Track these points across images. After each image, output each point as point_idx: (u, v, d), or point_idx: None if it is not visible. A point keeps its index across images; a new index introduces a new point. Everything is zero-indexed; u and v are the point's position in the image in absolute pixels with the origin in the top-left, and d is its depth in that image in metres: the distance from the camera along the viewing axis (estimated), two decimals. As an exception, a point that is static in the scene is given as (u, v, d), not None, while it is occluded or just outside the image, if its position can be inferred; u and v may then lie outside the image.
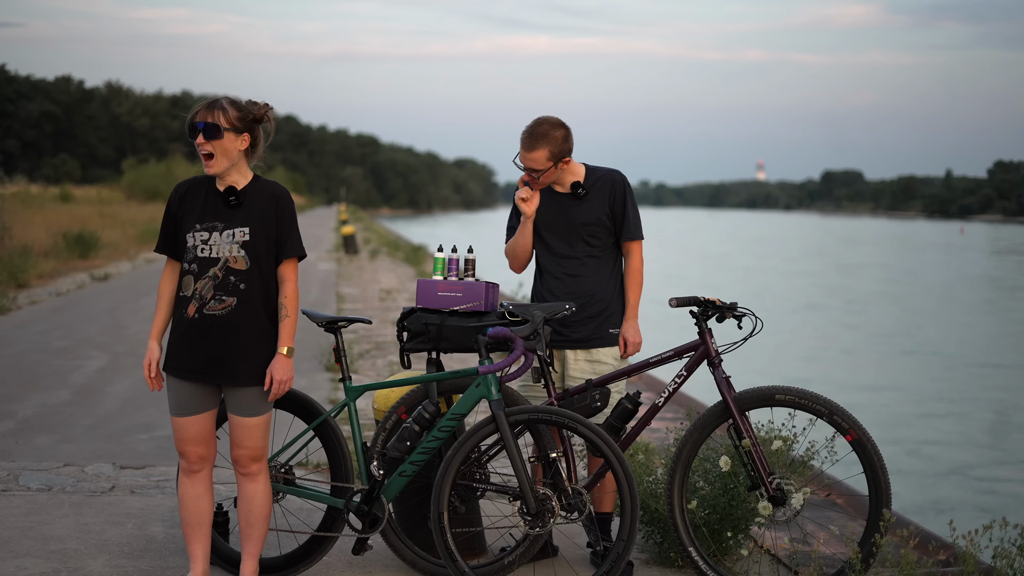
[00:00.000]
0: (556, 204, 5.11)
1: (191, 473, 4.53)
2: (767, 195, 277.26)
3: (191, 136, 4.42)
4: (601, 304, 5.08)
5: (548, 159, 4.96)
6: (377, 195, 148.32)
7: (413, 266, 26.21)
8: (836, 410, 4.67)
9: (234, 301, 4.37)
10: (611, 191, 5.10)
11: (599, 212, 5.08)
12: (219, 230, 4.40)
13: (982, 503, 11.11)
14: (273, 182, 4.59)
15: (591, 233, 5.09)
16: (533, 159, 4.96)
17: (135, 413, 8.51)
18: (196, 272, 4.39)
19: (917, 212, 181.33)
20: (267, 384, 4.40)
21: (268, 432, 4.55)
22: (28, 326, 13.49)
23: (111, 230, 28.42)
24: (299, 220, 4.62)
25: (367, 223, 63.04)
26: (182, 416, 4.45)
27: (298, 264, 4.52)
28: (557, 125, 4.97)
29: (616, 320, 5.11)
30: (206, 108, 4.41)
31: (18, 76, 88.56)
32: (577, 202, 5.09)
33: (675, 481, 4.80)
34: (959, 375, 19.55)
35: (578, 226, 5.08)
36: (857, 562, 4.44)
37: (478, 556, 5.14)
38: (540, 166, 4.97)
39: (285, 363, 4.41)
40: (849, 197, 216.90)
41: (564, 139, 4.97)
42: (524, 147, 4.98)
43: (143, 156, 69.41)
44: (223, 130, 4.37)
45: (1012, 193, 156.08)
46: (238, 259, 4.38)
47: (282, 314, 4.44)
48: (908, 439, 12.87)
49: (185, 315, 4.40)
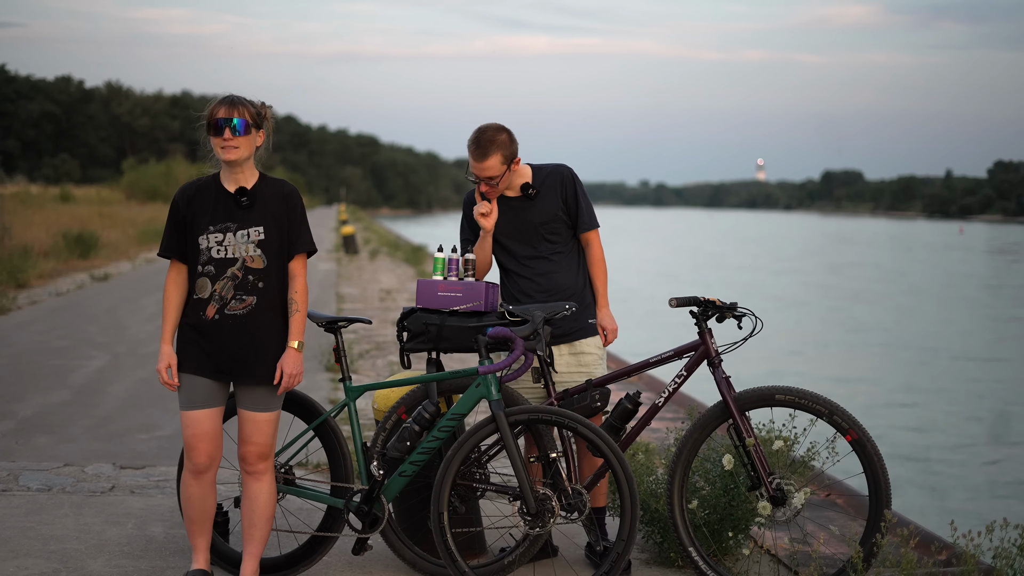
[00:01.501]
0: (510, 209, 5.17)
1: (198, 474, 4.50)
2: (767, 195, 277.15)
3: (214, 133, 4.40)
4: (575, 297, 5.13)
5: (502, 163, 5.03)
6: (377, 195, 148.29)
7: (413, 266, 26.22)
8: (836, 410, 4.67)
9: (254, 300, 4.40)
10: (561, 186, 5.17)
11: (554, 208, 5.14)
12: (233, 230, 4.41)
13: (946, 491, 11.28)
14: (281, 180, 4.62)
15: (550, 230, 5.15)
16: (488, 167, 5.02)
17: (135, 413, 8.51)
18: (213, 274, 4.39)
19: (917, 212, 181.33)
20: (277, 378, 4.41)
21: (277, 429, 4.56)
22: (28, 326, 13.50)
23: (111, 230, 28.42)
24: (300, 220, 4.63)
25: (367, 223, 63.05)
26: (197, 409, 4.42)
27: (307, 260, 4.56)
28: (500, 130, 5.04)
29: (592, 310, 5.18)
30: (229, 105, 4.41)
31: (18, 76, 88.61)
32: (530, 203, 5.15)
33: (675, 481, 4.80)
34: (929, 367, 20.18)
35: (536, 226, 5.14)
36: (858, 562, 4.44)
37: (478, 556, 5.14)
38: (496, 172, 5.03)
39: (296, 357, 4.44)
40: (849, 197, 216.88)
41: (510, 141, 5.05)
42: (475, 158, 5.03)
43: (143, 156, 69.46)
44: (249, 125, 4.40)
45: (1012, 193, 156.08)
46: (255, 258, 4.41)
47: (292, 309, 4.47)
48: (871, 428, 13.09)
49: (203, 317, 4.40)
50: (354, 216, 60.63)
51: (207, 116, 4.42)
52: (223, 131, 4.37)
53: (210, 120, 4.41)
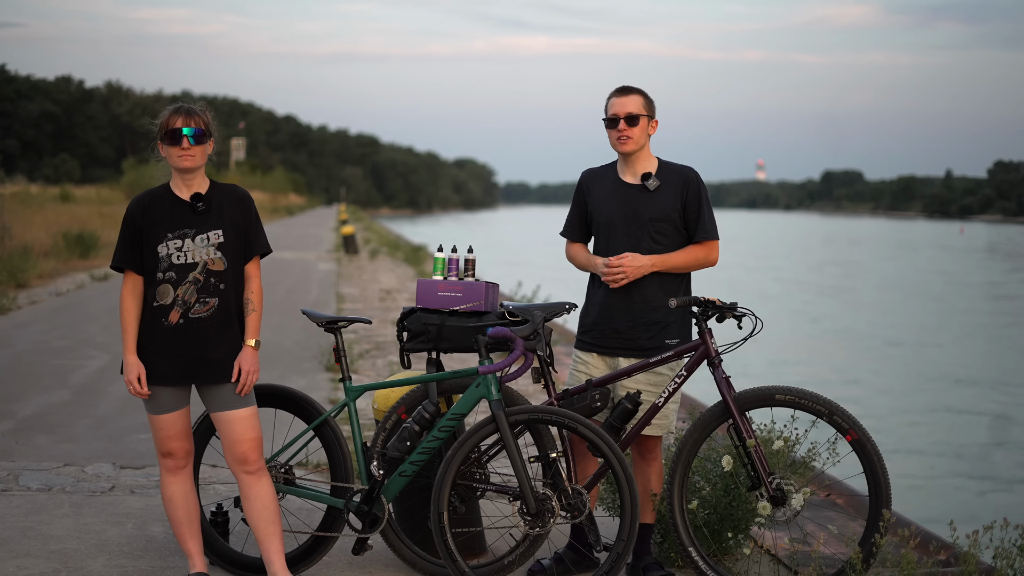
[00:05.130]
0: (623, 195, 4.89)
1: (178, 471, 4.60)
2: (767, 195, 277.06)
3: (171, 142, 4.44)
4: (657, 313, 4.88)
5: (644, 106, 4.84)
6: (377, 195, 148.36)
7: (413, 266, 26.20)
8: (836, 410, 4.67)
9: (216, 302, 4.47)
10: (684, 186, 4.87)
11: (672, 206, 4.85)
12: (191, 236, 4.47)
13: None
14: (232, 185, 4.70)
15: (659, 230, 4.85)
16: (629, 101, 4.81)
17: (135, 413, 8.51)
18: (175, 279, 4.44)
19: (917, 212, 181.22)
20: (234, 375, 4.46)
21: (259, 421, 4.60)
22: (28, 326, 13.50)
23: (111, 230, 28.32)
24: (298, 220, 4.67)
25: (367, 223, 62.99)
26: (167, 413, 4.52)
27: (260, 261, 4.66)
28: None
29: (673, 330, 4.91)
30: (186, 115, 4.46)
31: (18, 76, 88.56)
32: (648, 195, 4.88)
33: (675, 481, 4.80)
34: (870, 354, 21.56)
35: (647, 221, 4.85)
36: (857, 562, 4.44)
37: (478, 556, 5.14)
38: (636, 108, 4.81)
39: (253, 354, 4.52)
40: (849, 197, 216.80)
41: (651, 101, 4.89)
42: (617, 95, 4.85)
43: (143, 156, 69.24)
44: (203, 135, 4.48)
45: (1012, 193, 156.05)
46: (215, 261, 4.48)
47: (249, 308, 4.56)
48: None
49: (166, 323, 4.45)
50: (354, 216, 60.58)
51: (162, 125, 4.47)
52: (181, 141, 4.43)
53: (166, 130, 4.45)
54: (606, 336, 4.92)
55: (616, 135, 4.86)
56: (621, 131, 4.83)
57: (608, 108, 4.89)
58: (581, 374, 4.98)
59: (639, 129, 4.84)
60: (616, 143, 4.88)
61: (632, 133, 4.83)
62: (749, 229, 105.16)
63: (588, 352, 4.99)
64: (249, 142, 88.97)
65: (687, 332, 4.94)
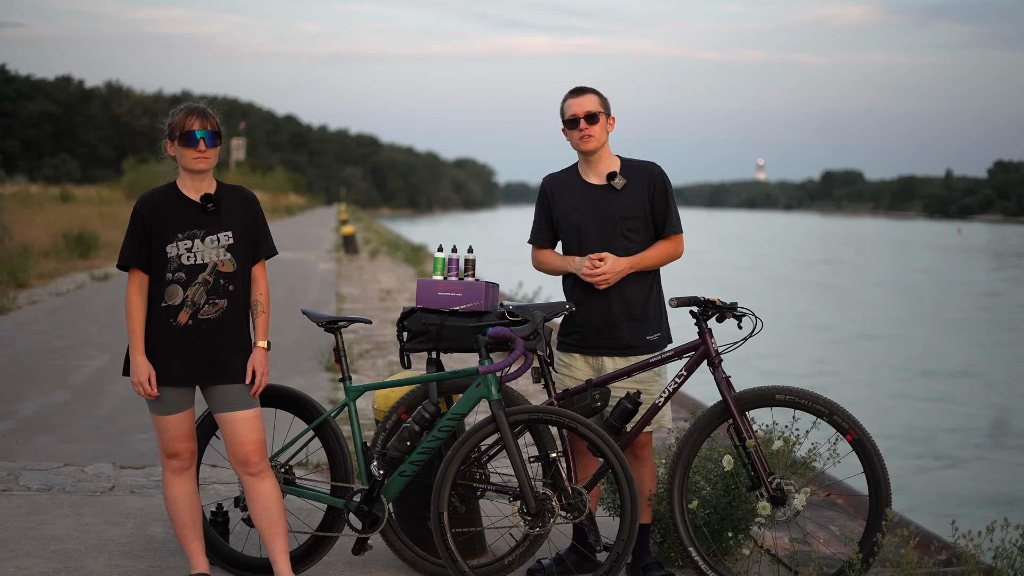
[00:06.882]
0: (591, 197, 4.92)
1: (183, 472, 4.59)
2: (767, 195, 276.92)
3: (186, 144, 4.42)
4: (637, 308, 4.92)
5: (599, 104, 4.87)
6: (377, 195, 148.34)
7: (413, 266, 26.20)
8: (836, 410, 4.66)
9: (225, 303, 4.47)
10: (650, 183, 4.91)
11: (639, 204, 4.88)
12: (200, 236, 4.46)
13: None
14: (239, 186, 4.69)
15: (630, 227, 4.88)
16: (585, 101, 4.85)
17: (135, 413, 8.50)
18: (184, 280, 4.42)
19: (917, 212, 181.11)
20: (249, 377, 4.47)
21: (263, 423, 4.60)
22: (28, 326, 13.50)
23: (111, 230, 28.33)
24: (298, 220, 4.68)
25: (367, 223, 62.97)
26: (174, 414, 4.51)
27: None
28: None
29: (652, 326, 4.96)
30: (201, 116, 4.45)
31: (18, 76, 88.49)
32: (615, 194, 4.90)
33: (675, 481, 4.80)
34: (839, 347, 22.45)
35: (617, 220, 4.87)
36: (857, 562, 4.44)
37: (478, 556, 5.14)
38: (593, 107, 4.84)
39: (265, 356, 4.55)
40: (849, 197, 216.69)
41: (605, 100, 4.91)
42: (572, 96, 4.88)
43: (143, 156, 69.33)
44: (217, 136, 4.48)
45: (1012, 193, 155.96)
46: (225, 262, 4.47)
47: (258, 310, 4.57)
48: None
49: (175, 324, 4.43)
50: (354, 216, 60.56)
51: (177, 126, 4.44)
52: (196, 143, 4.41)
53: (182, 131, 4.43)
54: (587, 336, 4.94)
55: (578, 135, 4.88)
56: (583, 130, 4.86)
57: (565, 111, 4.92)
58: (564, 377, 4.99)
59: (599, 127, 4.88)
60: (579, 143, 4.90)
61: (593, 131, 4.87)
62: (744, 229, 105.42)
63: (570, 354, 5.00)
64: (249, 142, 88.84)
65: (665, 326, 5.01)
